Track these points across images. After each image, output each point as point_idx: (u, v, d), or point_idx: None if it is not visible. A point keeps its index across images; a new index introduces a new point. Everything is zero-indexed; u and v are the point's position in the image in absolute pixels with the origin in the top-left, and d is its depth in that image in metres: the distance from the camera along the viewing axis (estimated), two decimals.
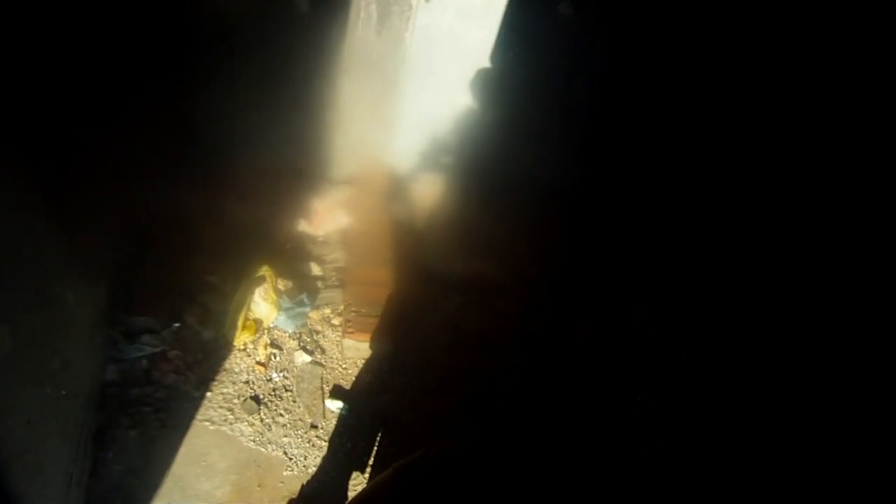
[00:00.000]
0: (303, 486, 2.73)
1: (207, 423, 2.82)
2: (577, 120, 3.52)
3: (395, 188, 3.79)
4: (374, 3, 2.99)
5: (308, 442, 2.87)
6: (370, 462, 2.86)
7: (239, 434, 2.82)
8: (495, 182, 3.78)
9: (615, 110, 3.46)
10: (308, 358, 3.15)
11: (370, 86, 3.34)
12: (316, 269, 3.47)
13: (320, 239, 3.56)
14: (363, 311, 3.33)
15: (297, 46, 3.14)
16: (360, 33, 3.10)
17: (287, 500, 2.69)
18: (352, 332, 3.22)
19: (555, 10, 3.11)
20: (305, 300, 3.26)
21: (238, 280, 3.09)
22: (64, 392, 2.41)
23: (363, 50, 3.17)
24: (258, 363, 3.05)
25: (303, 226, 3.52)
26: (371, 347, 3.23)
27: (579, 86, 3.40)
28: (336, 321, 3.32)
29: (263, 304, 3.08)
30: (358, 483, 2.79)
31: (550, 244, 3.64)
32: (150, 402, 2.77)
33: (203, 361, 2.97)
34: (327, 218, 3.56)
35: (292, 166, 3.50)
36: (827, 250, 2.47)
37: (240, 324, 3.03)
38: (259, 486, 2.70)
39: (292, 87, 3.27)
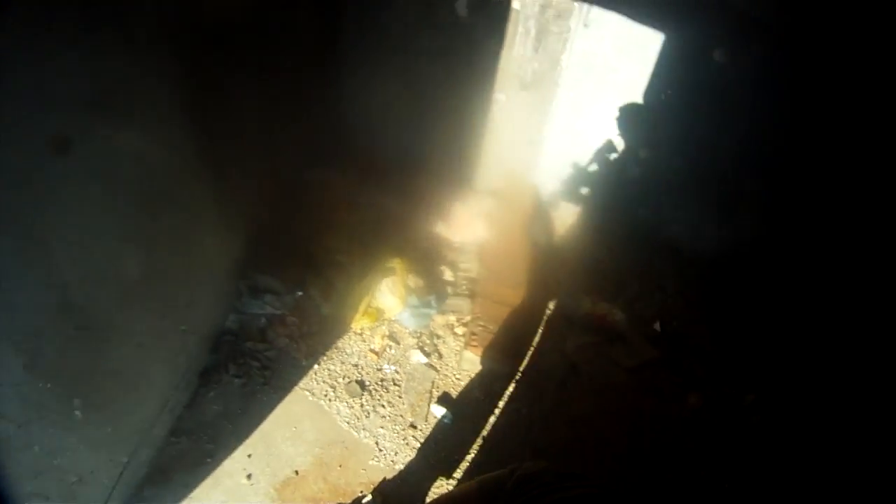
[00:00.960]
0: (385, 479, 2.48)
1: (307, 394, 2.70)
2: (723, 178, 3.29)
3: (536, 209, 3.66)
4: (532, 20, 3.08)
5: (403, 439, 2.63)
6: (458, 476, 2.59)
7: (335, 412, 2.65)
8: (632, 226, 3.61)
9: (766, 175, 3.19)
10: (424, 359, 2.95)
11: (522, 102, 3.35)
12: (448, 274, 3.32)
13: (456, 245, 3.46)
14: (490, 327, 3.09)
15: (454, 51, 3.28)
16: (516, 49, 3.17)
17: (364, 486, 2.48)
18: (475, 346, 3.01)
19: (709, 57, 3.01)
20: (433, 302, 3.11)
21: (365, 265, 3.05)
22: (184, 328, 2.47)
23: (519, 65, 3.23)
24: (372, 350, 2.91)
25: (441, 229, 3.46)
26: (488, 364, 2.96)
27: (728, 142, 3.19)
28: (459, 330, 3.11)
29: (390, 295, 2.98)
30: (440, 489, 2.52)
31: (677, 301, 3.41)
32: (259, 359, 2.73)
33: (317, 334, 2.90)
34: (466, 226, 3.48)
35: (438, 167, 3.56)
36: None
37: (361, 308, 2.94)
38: (340, 465, 2.49)
39: (446, 90, 3.40)
